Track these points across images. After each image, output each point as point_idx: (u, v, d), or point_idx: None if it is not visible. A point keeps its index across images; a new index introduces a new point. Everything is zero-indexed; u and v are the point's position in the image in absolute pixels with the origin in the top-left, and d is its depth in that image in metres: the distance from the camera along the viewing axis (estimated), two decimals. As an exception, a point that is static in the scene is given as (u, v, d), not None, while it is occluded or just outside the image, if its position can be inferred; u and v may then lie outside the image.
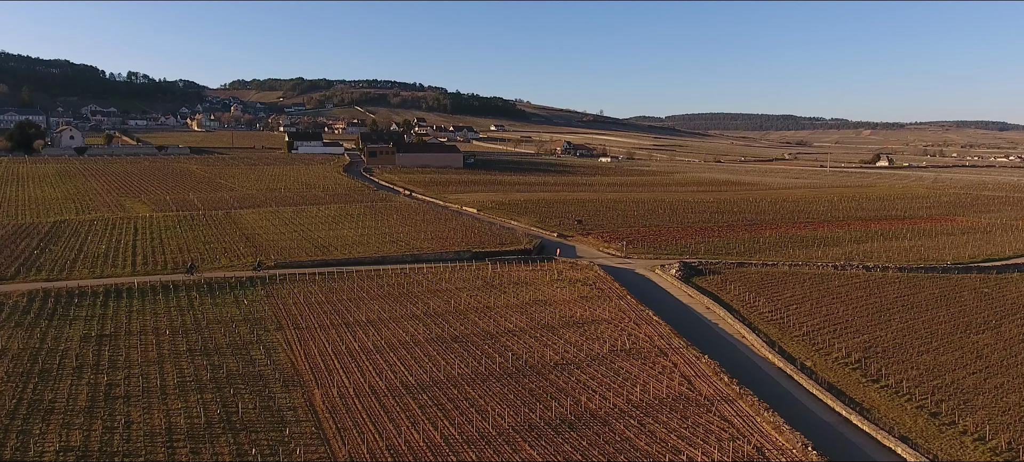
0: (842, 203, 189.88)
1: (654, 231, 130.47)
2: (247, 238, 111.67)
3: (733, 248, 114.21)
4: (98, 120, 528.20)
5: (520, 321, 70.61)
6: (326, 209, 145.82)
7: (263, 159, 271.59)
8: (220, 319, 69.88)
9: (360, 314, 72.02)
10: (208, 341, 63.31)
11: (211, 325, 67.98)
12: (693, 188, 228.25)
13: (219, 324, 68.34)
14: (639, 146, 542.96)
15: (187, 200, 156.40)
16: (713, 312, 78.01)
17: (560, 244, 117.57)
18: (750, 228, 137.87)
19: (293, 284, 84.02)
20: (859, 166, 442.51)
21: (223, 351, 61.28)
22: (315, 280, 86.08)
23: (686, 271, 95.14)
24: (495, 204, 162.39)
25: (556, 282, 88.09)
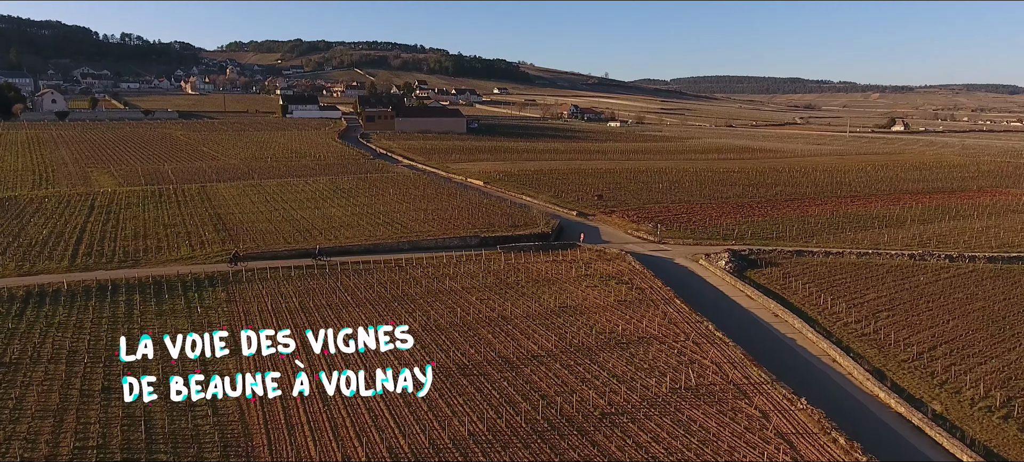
0: (878, 173, 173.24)
1: (685, 208, 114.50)
2: (218, 220, 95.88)
3: (782, 230, 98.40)
4: (89, 83, 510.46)
5: (547, 340, 54.99)
6: (315, 182, 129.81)
7: (254, 124, 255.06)
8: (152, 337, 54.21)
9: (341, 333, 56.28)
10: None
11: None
12: (714, 156, 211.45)
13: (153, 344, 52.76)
14: (646, 110, 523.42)
15: (161, 171, 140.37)
16: (785, 322, 62.33)
17: (581, 225, 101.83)
18: (792, 204, 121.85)
19: (262, 283, 68.36)
20: (875, 131, 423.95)
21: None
22: (291, 277, 70.40)
23: (737, 262, 79.40)
24: (503, 175, 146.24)
25: (584, 278, 72.34)
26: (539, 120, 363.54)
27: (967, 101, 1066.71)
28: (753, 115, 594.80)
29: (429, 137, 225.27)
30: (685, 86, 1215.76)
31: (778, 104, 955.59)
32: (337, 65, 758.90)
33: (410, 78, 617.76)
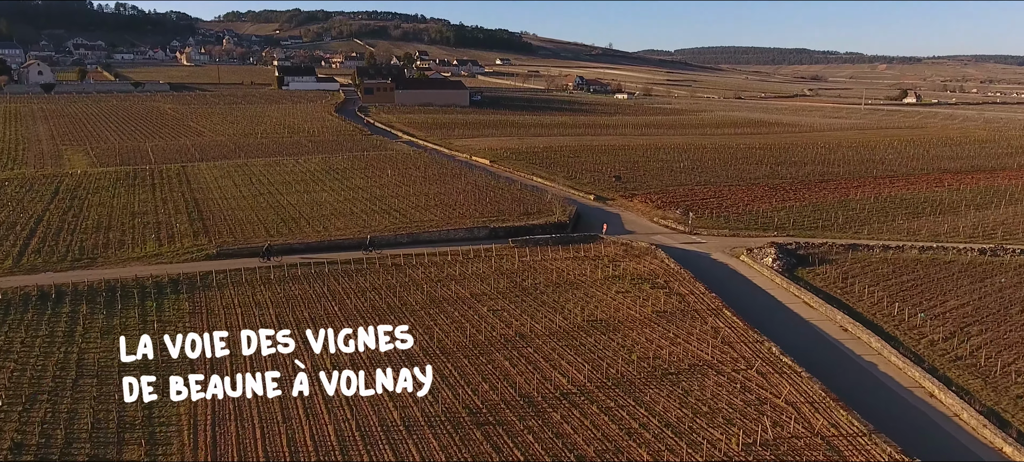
0: (907, 149, 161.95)
1: (713, 191, 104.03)
2: (194, 207, 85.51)
3: (825, 217, 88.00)
4: (81, 54, 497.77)
5: (577, 369, 44.80)
6: (307, 161, 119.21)
7: (248, 96, 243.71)
8: (90, 370, 44.18)
9: (322, 359, 46.09)
10: (51, 436, 37.30)
11: (80, 382, 42.32)
12: (730, 130, 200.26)
13: (90, 380, 42.72)
14: (653, 81, 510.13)
15: (140, 150, 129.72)
16: (859, 340, 52.06)
17: (600, 211, 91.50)
18: (828, 186, 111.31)
19: (236, 287, 58.16)
20: (889, 103, 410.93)
21: (78, 446, 35.85)
22: (269, 281, 60.17)
23: (786, 259, 69.07)
24: (511, 153, 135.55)
25: (613, 281, 62.05)
26: (544, 92, 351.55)
27: (976, 72, 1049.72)
28: (761, 87, 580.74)
29: (430, 110, 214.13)
30: (690, 57, 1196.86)
31: (784, 75, 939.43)
32: (336, 35, 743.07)
33: (410, 49, 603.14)
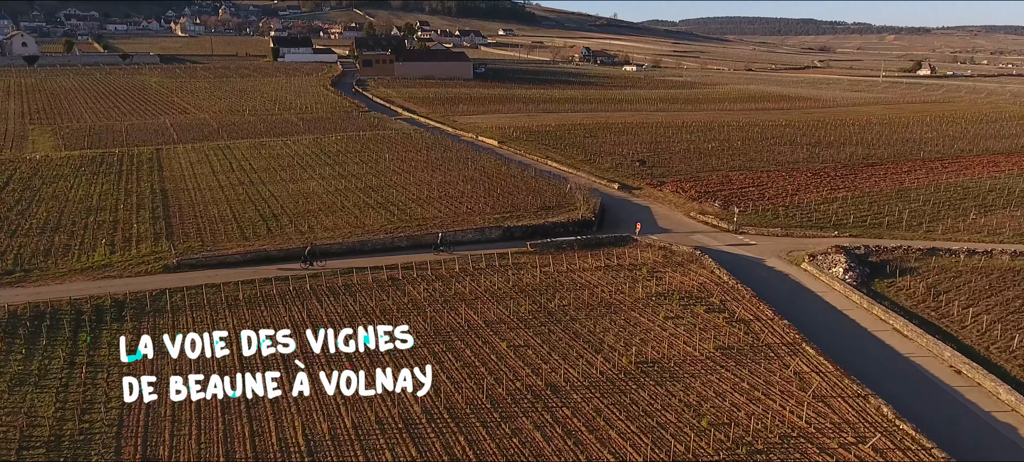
0: (944, 127, 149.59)
1: (751, 178, 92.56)
2: (161, 199, 74.28)
3: (885, 211, 76.57)
4: (73, 25, 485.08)
5: (633, 446, 33.56)
6: (296, 143, 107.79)
7: (241, 69, 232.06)
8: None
9: (289, 433, 35.08)
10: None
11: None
12: (750, 105, 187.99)
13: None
14: (660, 52, 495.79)
15: (114, 129, 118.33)
16: (984, 390, 40.49)
17: (628, 203, 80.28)
18: (876, 171, 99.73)
19: (194, 312, 47.07)
20: (904, 75, 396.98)
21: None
22: (237, 304, 49.05)
23: (858, 268, 57.83)
24: (520, 132, 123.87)
25: (658, 300, 50.81)
26: (549, 64, 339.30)
27: (986, 43, 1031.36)
28: (769, 58, 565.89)
29: (432, 84, 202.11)
30: (695, 27, 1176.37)
31: (791, 46, 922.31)
32: (335, 5, 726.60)
33: (411, 19, 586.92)
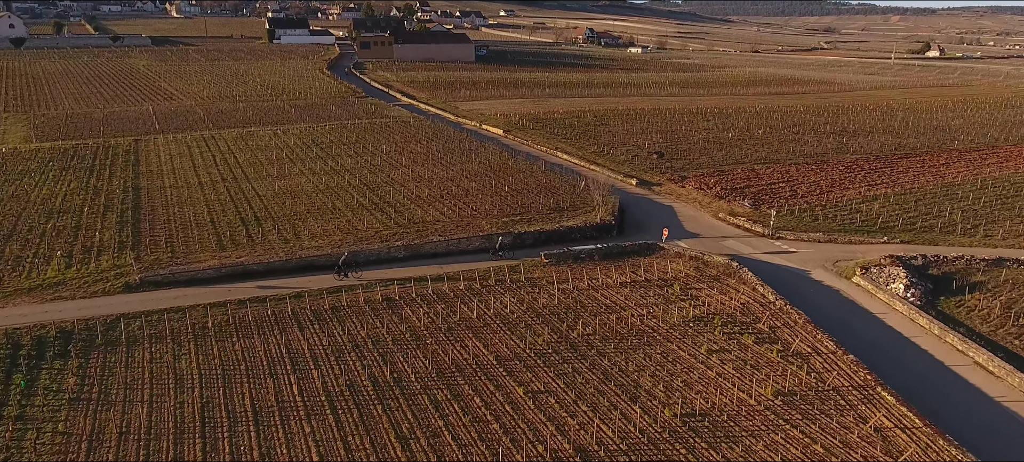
0: (970, 113, 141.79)
1: (780, 172, 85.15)
2: (132, 199, 67.06)
3: (934, 210, 69.37)
4: (66, 6, 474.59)
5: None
6: (287, 133, 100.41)
7: (235, 52, 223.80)
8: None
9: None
10: None
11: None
12: (764, 89, 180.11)
13: None
14: (664, 33, 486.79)
15: (93, 118, 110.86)
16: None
17: (647, 201, 73.06)
18: (912, 163, 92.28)
19: (154, 345, 40.01)
20: (914, 57, 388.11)
21: None
22: (205, 334, 41.92)
23: (920, 283, 50.69)
24: (527, 119, 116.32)
25: (696, 326, 43.66)
26: (552, 45, 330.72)
27: (992, 24, 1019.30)
28: (775, 39, 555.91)
29: (432, 67, 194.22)
30: (698, 8, 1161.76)
31: (796, 27, 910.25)
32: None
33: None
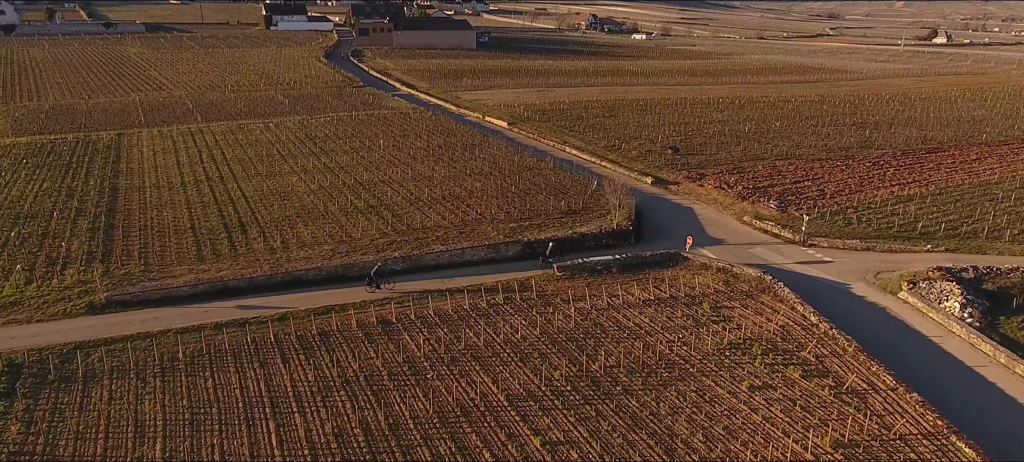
0: (991, 103, 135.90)
1: (805, 169, 79.62)
2: (110, 201, 61.87)
3: (976, 212, 64.14)
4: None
5: None
6: (279, 126, 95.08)
7: (230, 38, 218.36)
8: None
9: None
10: None
11: None
12: (775, 78, 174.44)
13: None
14: (667, 19, 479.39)
15: (77, 109, 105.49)
16: None
17: (666, 203, 67.81)
18: (942, 159, 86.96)
19: (114, 381, 34.91)
20: (921, 43, 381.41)
21: None
22: (173, 368, 36.85)
23: (977, 303, 45.58)
24: (532, 111, 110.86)
25: (733, 356, 38.58)
26: (555, 32, 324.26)
27: (997, 10, 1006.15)
28: (779, 25, 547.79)
29: (433, 54, 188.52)
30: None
31: (799, 13, 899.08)
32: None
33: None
